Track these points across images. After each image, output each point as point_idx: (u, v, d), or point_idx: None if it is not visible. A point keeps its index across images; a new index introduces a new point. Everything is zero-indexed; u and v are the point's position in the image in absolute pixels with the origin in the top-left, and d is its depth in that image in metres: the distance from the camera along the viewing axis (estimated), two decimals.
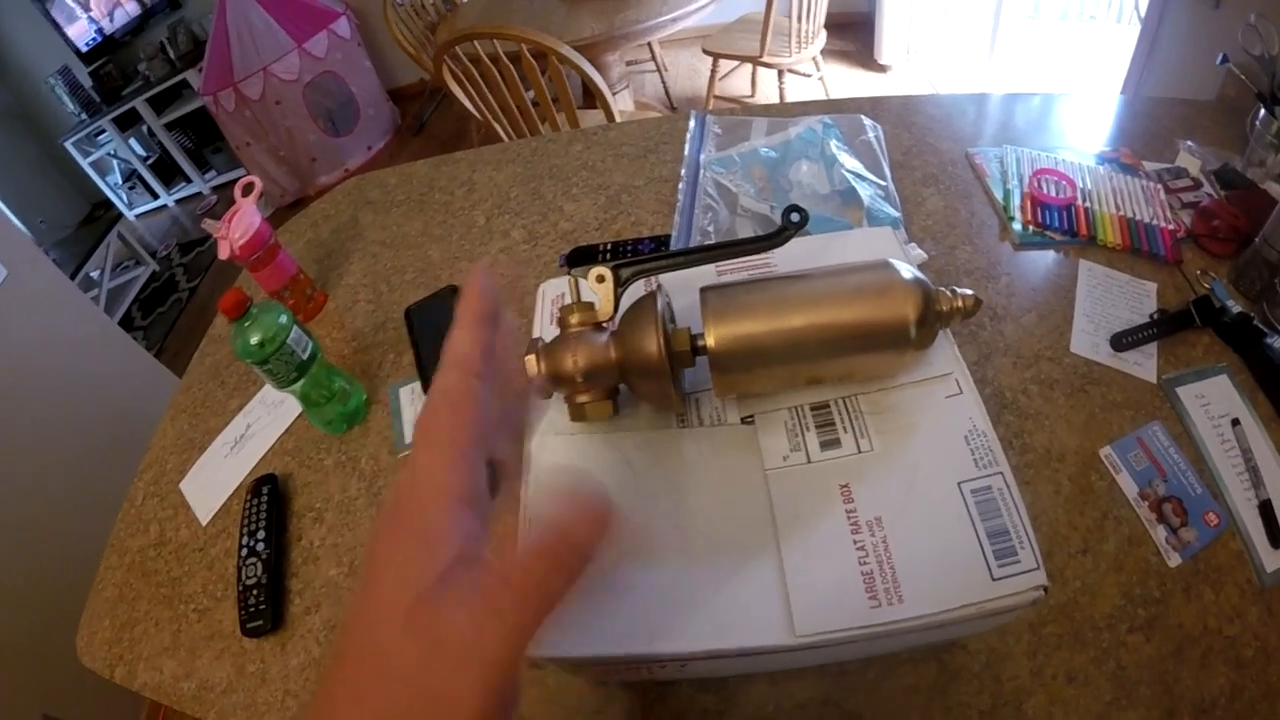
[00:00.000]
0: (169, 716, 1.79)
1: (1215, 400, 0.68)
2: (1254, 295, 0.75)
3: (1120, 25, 2.62)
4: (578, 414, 0.45)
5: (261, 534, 0.69)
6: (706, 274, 0.53)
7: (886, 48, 3.12)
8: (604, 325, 0.45)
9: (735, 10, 2.68)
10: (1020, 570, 0.39)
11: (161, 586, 0.72)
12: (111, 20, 3.84)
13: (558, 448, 0.46)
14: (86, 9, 3.79)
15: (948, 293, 0.44)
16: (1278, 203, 0.73)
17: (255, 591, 0.65)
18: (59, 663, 1.49)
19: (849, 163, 0.83)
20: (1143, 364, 0.71)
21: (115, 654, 0.68)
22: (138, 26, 3.88)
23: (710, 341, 0.41)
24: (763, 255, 0.50)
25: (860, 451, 0.43)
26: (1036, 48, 2.87)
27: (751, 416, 0.46)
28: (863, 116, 0.93)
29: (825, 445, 0.44)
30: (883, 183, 0.84)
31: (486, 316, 0.32)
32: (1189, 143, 0.92)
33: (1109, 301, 0.76)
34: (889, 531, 0.40)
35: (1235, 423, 0.66)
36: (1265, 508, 0.60)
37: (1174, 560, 0.58)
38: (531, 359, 0.45)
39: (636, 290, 0.48)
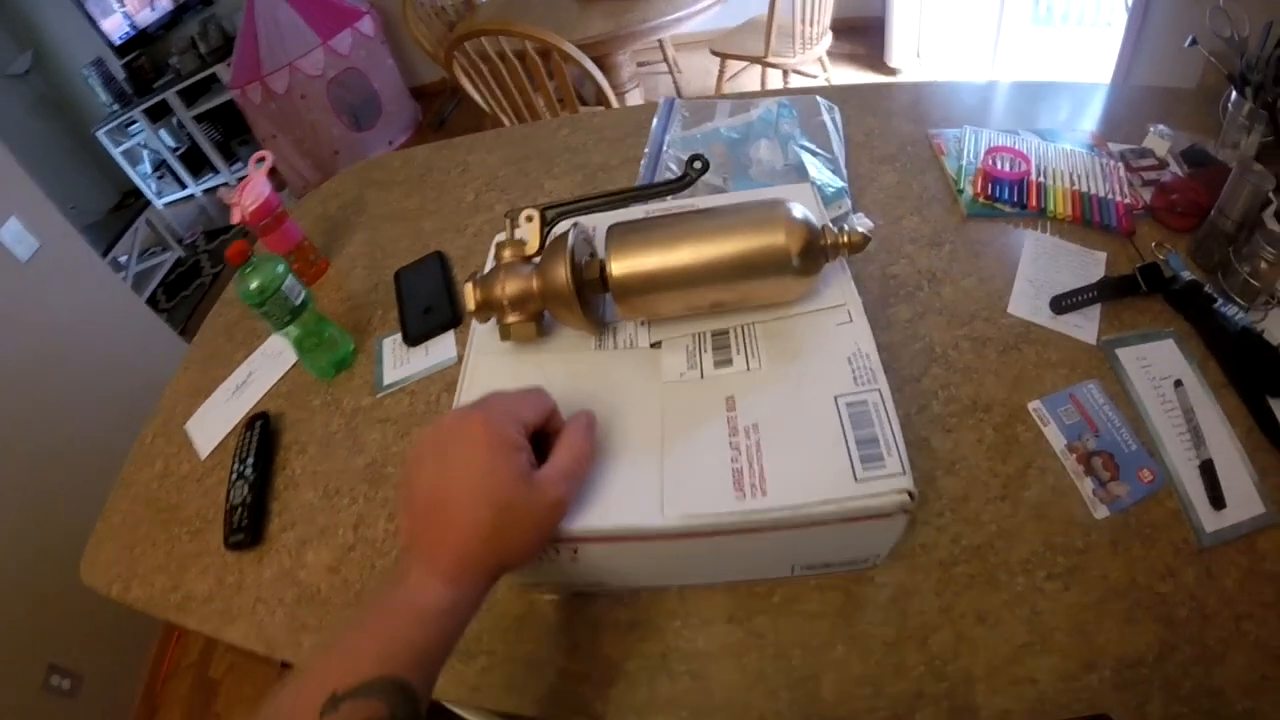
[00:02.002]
0: (171, 672, 1.92)
1: (1157, 362, 0.69)
2: (1211, 267, 0.78)
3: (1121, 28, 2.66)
4: (505, 334, 0.53)
5: (251, 461, 0.79)
6: (636, 217, 0.60)
7: (896, 51, 3.19)
8: (531, 259, 0.54)
9: (744, 13, 2.78)
10: (884, 474, 0.45)
11: (161, 512, 0.82)
12: (147, 13, 4.06)
13: (488, 363, 0.55)
14: (121, 3, 4.02)
15: (834, 227, 0.51)
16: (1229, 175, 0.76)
17: (240, 510, 0.75)
18: (65, 613, 1.64)
19: (802, 140, 0.90)
20: (1083, 327, 0.74)
21: (114, 573, 0.78)
22: (170, 21, 4.10)
23: (612, 269, 0.49)
24: (688, 201, 0.58)
25: (749, 369, 0.51)
26: (1044, 50, 2.92)
27: (659, 341, 0.54)
28: (818, 98, 1.00)
29: (719, 364, 0.51)
30: (831, 156, 0.91)
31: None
32: (1160, 126, 0.96)
33: (1054, 268, 0.80)
34: (763, 436, 0.47)
35: (1178, 384, 0.67)
36: (1206, 467, 0.61)
37: (1101, 513, 0.59)
38: (469, 286, 0.53)
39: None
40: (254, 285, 0.79)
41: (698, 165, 0.51)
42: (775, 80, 2.66)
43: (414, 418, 0.80)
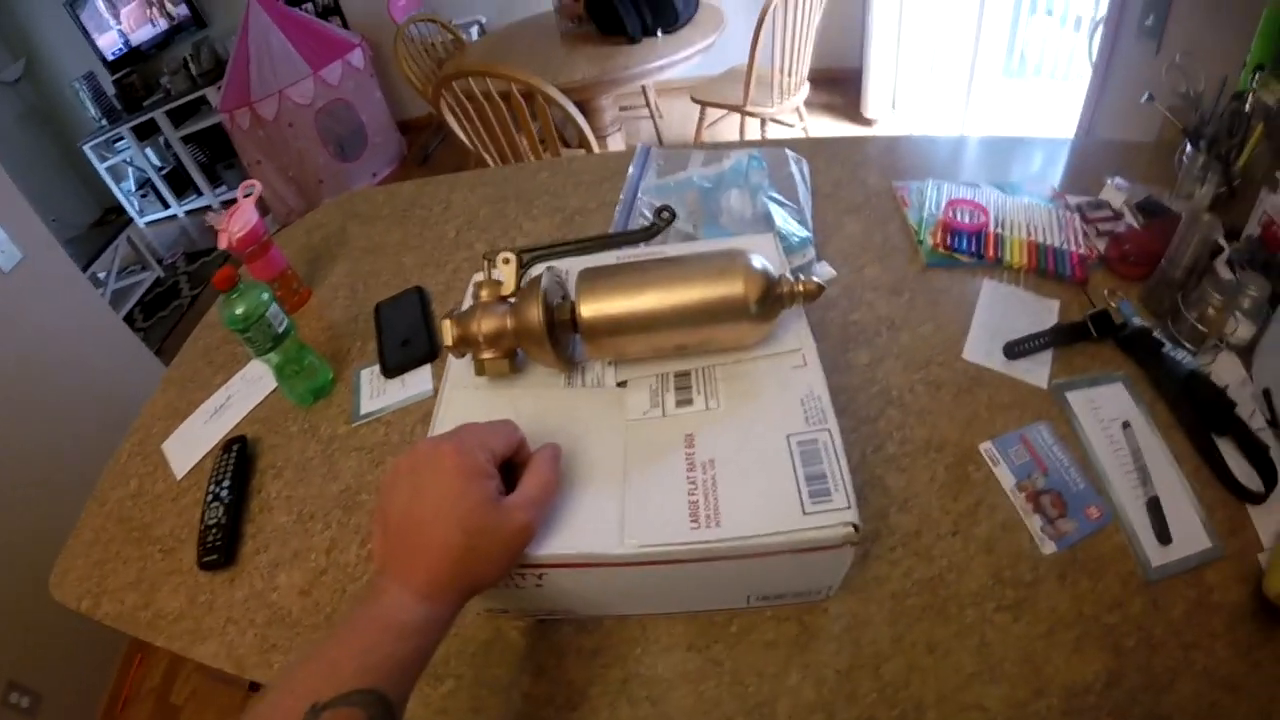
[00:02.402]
0: (132, 696, 1.90)
1: (1106, 405, 0.72)
2: (1161, 314, 0.81)
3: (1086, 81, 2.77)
4: (479, 369, 0.57)
5: (227, 483, 0.81)
6: (608, 262, 0.64)
7: (872, 102, 3.31)
8: (507, 298, 0.57)
9: (725, 62, 2.89)
10: (831, 508, 0.48)
11: (134, 530, 0.84)
12: (144, 31, 4.11)
13: (462, 396, 0.58)
14: (117, 20, 4.07)
15: (790, 277, 0.55)
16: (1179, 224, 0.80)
17: (214, 530, 0.77)
18: (28, 630, 1.63)
19: (771, 191, 0.95)
20: (1034, 371, 0.77)
21: (84, 589, 0.79)
22: (163, 41, 4.16)
23: (581, 312, 0.53)
24: (658, 250, 0.62)
25: (708, 408, 0.54)
26: (1015, 102, 3.04)
27: (625, 381, 0.57)
28: (787, 150, 1.05)
29: (680, 403, 0.55)
30: (797, 206, 0.95)
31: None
32: (1117, 178, 1.01)
33: (1009, 315, 0.84)
34: (719, 471, 0.51)
35: (1126, 425, 0.70)
36: (1153, 504, 0.63)
37: (1049, 548, 0.62)
38: (448, 322, 0.57)
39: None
40: (239, 311, 0.82)
41: (665, 215, 0.56)
42: (753, 128, 2.74)
43: (389, 448, 0.83)
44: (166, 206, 4.46)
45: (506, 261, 0.57)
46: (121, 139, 4.23)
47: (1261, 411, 0.71)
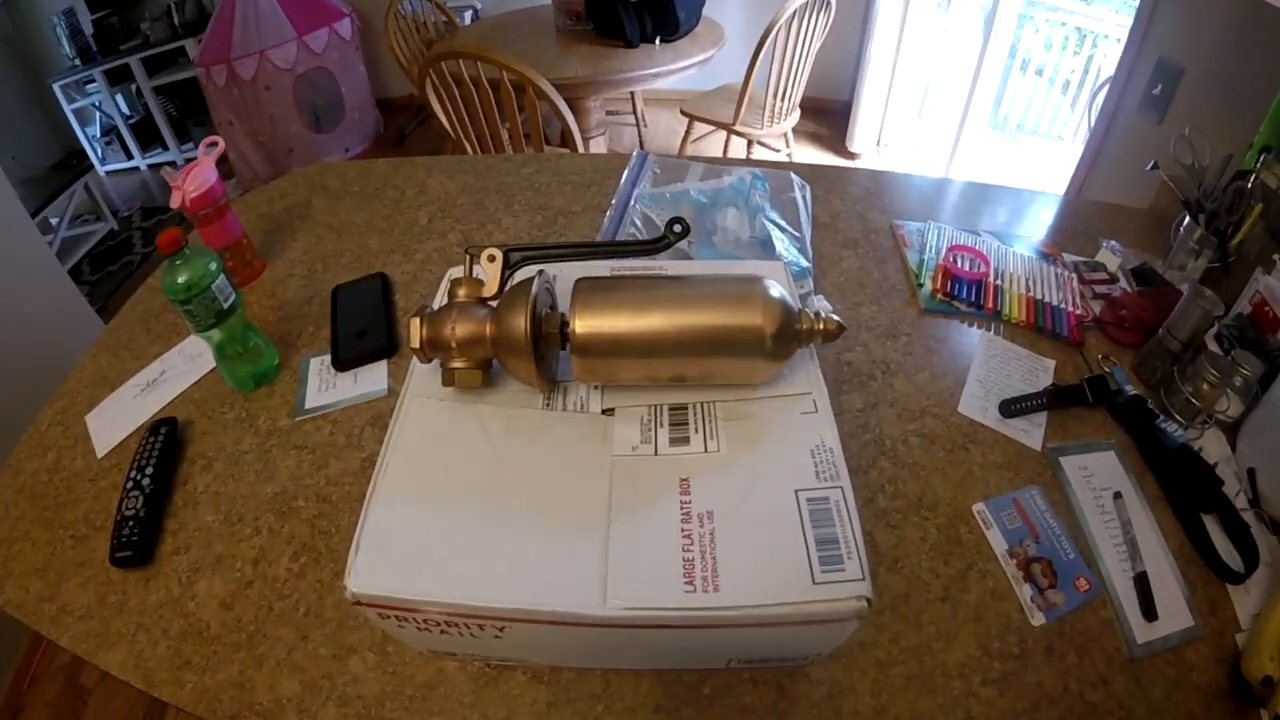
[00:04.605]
0: (41, 673, 1.75)
1: (1099, 473, 0.71)
2: (1153, 383, 0.80)
3: (1076, 143, 2.79)
4: (448, 378, 0.48)
5: (150, 471, 0.70)
6: (601, 273, 0.56)
7: (859, 137, 3.27)
8: (487, 301, 0.49)
9: (717, 78, 2.82)
10: (844, 579, 0.41)
11: (45, 510, 0.73)
12: None
13: (425, 408, 0.49)
14: None
15: (810, 313, 0.48)
16: (1181, 298, 0.78)
17: (131, 523, 0.66)
18: None
19: (771, 214, 0.89)
20: (1029, 432, 0.74)
21: None
22: None
23: (575, 326, 0.45)
24: (656, 265, 0.54)
25: (707, 451, 0.47)
26: (1000, 157, 3.07)
27: (612, 409, 0.49)
28: (792, 174, 0.99)
29: (675, 441, 0.47)
30: (799, 235, 0.89)
31: None
32: (1112, 242, 0.99)
33: (1005, 372, 0.80)
34: (718, 526, 0.43)
35: (1117, 496, 0.69)
36: (1140, 580, 0.62)
37: (1038, 619, 0.59)
38: (416, 321, 0.48)
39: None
40: (181, 279, 0.72)
41: (678, 229, 0.48)
42: (738, 148, 2.70)
43: (333, 449, 0.73)
44: (130, 157, 4.20)
45: (491, 259, 0.48)
46: (93, 81, 3.96)
47: (1245, 491, 0.70)
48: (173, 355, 0.87)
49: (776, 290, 0.47)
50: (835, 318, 0.48)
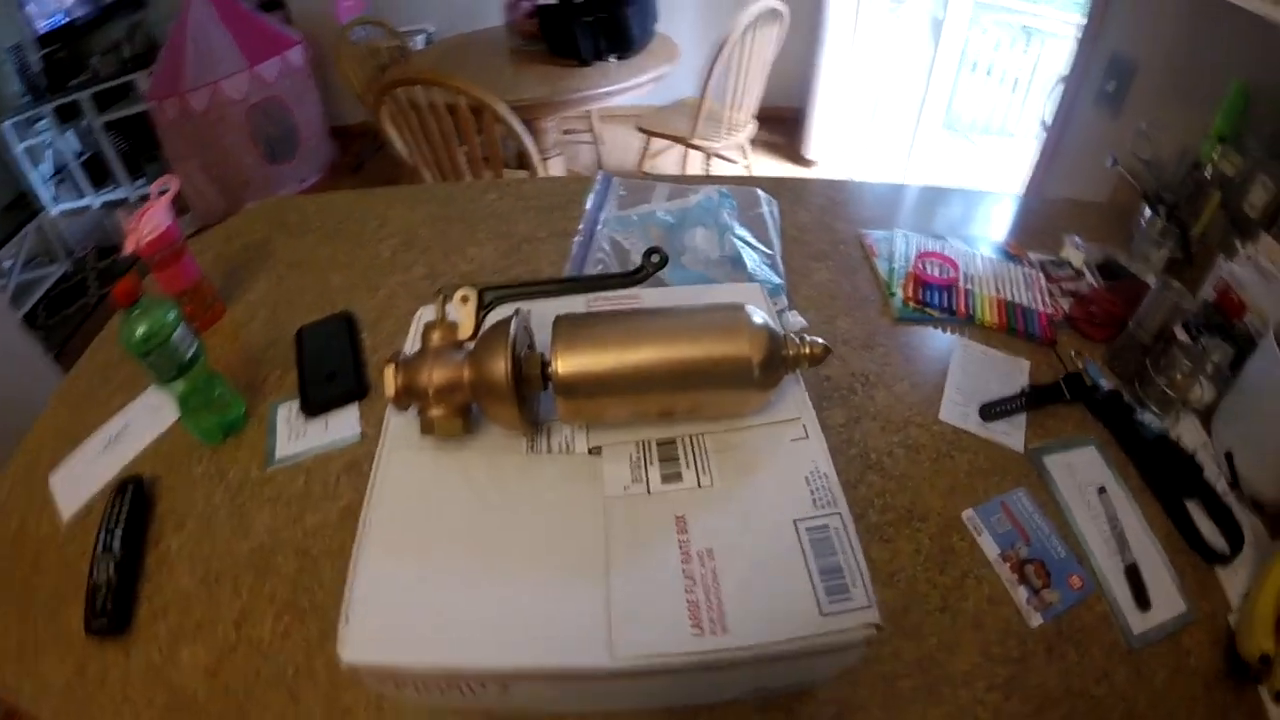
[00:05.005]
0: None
1: (1082, 470, 0.71)
2: (1127, 376, 0.80)
3: (1032, 140, 2.83)
4: (427, 427, 0.46)
5: (119, 533, 0.66)
6: (577, 308, 0.55)
7: (814, 144, 3.30)
8: (463, 344, 0.47)
9: (673, 93, 2.81)
10: (852, 607, 0.40)
11: (14, 582, 0.68)
12: (78, 5, 3.75)
13: (405, 460, 0.47)
14: None
15: (795, 338, 0.46)
16: (1149, 290, 0.79)
17: (104, 591, 0.62)
18: None
19: (740, 231, 0.88)
20: (1011, 434, 0.74)
21: None
22: (98, 19, 3.81)
23: (558, 367, 0.43)
24: (631, 296, 0.52)
25: (700, 486, 0.45)
26: (954, 156, 3.10)
27: (599, 448, 0.47)
28: (759, 190, 0.99)
29: (667, 478, 0.45)
30: (770, 252, 0.88)
31: None
32: (1075, 237, 0.99)
33: (982, 376, 0.80)
34: (719, 563, 0.41)
35: (1101, 490, 0.69)
36: (1131, 571, 0.63)
37: (1035, 620, 0.59)
38: (390, 370, 0.46)
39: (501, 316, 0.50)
40: (140, 332, 0.68)
41: (655, 259, 0.46)
42: (696, 161, 2.69)
43: (308, 500, 0.70)
44: (82, 196, 4.07)
45: (465, 300, 0.46)
46: (42, 119, 3.84)
47: (1224, 474, 0.72)
48: (134, 407, 0.83)
49: (760, 317, 0.45)
50: (820, 341, 0.47)
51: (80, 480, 0.76)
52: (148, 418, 0.81)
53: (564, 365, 0.43)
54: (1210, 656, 0.58)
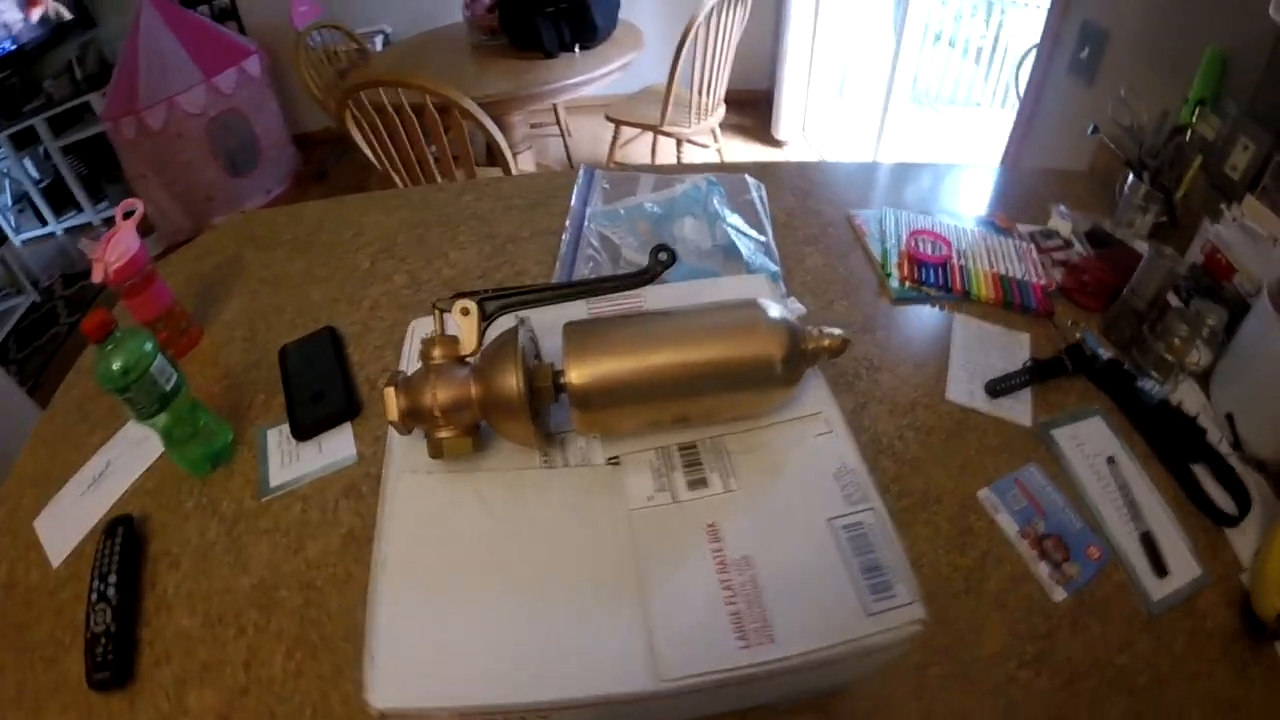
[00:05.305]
0: None
1: (1090, 441, 0.71)
2: (1124, 343, 0.80)
3: (1002, 110, 2.84)
4: (436, 450, 0.43)
5: (113, 579, 0.63)
6: (579, 314, 0.52)
7: (783, 124, 3.27)
8: (466, 360, 0.44)
9: (639, 81, 2.77)
10: (896, 604, 0.38)
11: (8, 632, 0.64)
12: (25, 28, 3.62)
13: (415, 486, 0.44)
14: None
15: (814, 331, 0.44)
16: (1143, 257, 0.79)
17: (103, 640, 0.59)
18: None
19: (731, 219, 0.85)
20: (1017, 409, 0.73)
21: None
22: (48, 41, 3.68)
23: (571, 378, 0.40)
24: (633, 296, 0.50)
25: (728, 490, 0.43)
26: (923, 129, 3.10)
27: (617, 457, 0.45)
28: (746, 176, 0.96)
29: (692, 485, 0.43)
30: (763, 239, 0.86)
31: None
32: (1060, 207, 0.99)
33: (984, 352, 0.79)
34: (758, 570, 0.39)
35: (1111, 460, 0.69)
36: (1146, 539, 0.63)
37: (1058, 595, 0.59)
38: (390, 392, 0.43)
39: (505, 326, 0.47)
40: (116, 366, 0.64)
41: (663, 257, 0.44)
42: (667, 148, 2.66)
43: (308, 528, 0.66)
44: (44, 223, 3.94)
45: (465, 312, 0.43)
46: None
47: (1225, 436, 0.72)
48: (116, 443, 0.79)
49: (776, 312, 0.43)
50: (838, 332, 0.44)
51: (67, 523, 0.72)
52: (131, 453, 0.77)
53: (578, 375, 0.40)
54: (1226, 617, 0.58)
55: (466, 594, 0.39)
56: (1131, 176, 0.96)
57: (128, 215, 0.84)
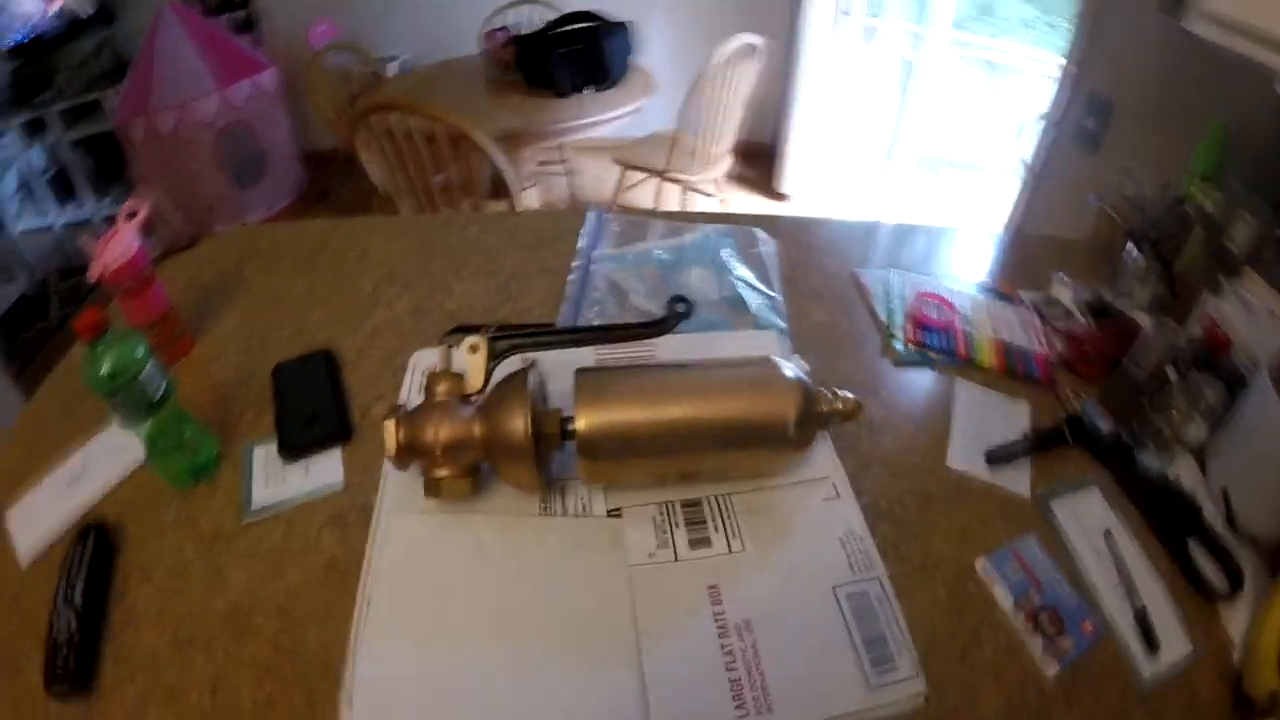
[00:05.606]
0: None
1: (1088, 513, 0.70)
2: (1122, 415, 0.79)
3: (1004, 174, 2.87)
4: (433, 489, 0.41)
5: (80, 585, 0.60)
6: (585, 359, 0.51)
7: (787, 178, 3.31)
8: (471, 398, 0.42)
9: (648, 125, 2.78)
10: (899, 678, 0.38)
11: None
12: (46, 20, 3.62)
13: (409, 526, 0.42)
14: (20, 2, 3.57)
15: (828, 394, 0.43)
16: (1143, 329, 0.79)
17: (65, 648, 0.56)
18: None
19: (740, 271, 0.85)
20: (1016, 479, 0.72)
21: None
22: (66, 34, 3.69)
23: (580, 425, 0.39)
24: (644, 346, 0.48)
25: (731, 551, 0.41)
26: (925, 189, 3.13)
27: (619, 510, 0.43)
28: (756, 230, 0.96)
29: (695, 544, 0.41)
30: (771, 294, 0.86)
31: None
32: (1062, 275, 0.99)
33: (985, 419, 0.78)
34: (759, 635, 0.38)
35: (1108, 534, 0.68)
36: (1140, 615, 0.62)
37: (1052, 669, 0.58)
38: (390, 425, 0.41)
39: (510, 368, 0.46)
40: (104, 370, 0.62)
41: (681, 309, 0.43)
42: (670, 194, 2.67)
43: (289, 555, 0.63)
44: (46, 214, 3.92)
45: (474, 350, 0.42)
46: (3, 135, 3.69)
47: (1220, 512, 0.71)
48: (97, 444, 0.76)
49: (791, 372, 0.42)
50: (852, 396, 0.44)
51: (39, 520, 0.70)
52: (111, 457, 0.74)
53: (587, 424, 0.39)
54: (1218, 692, 0.58)
55: (453, 644, 0.37)
56: (1133, 247, 0.96)
57: (131, 215, 0.83)
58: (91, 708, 0.55)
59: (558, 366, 0.45)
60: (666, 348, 0.50)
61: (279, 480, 0.70)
